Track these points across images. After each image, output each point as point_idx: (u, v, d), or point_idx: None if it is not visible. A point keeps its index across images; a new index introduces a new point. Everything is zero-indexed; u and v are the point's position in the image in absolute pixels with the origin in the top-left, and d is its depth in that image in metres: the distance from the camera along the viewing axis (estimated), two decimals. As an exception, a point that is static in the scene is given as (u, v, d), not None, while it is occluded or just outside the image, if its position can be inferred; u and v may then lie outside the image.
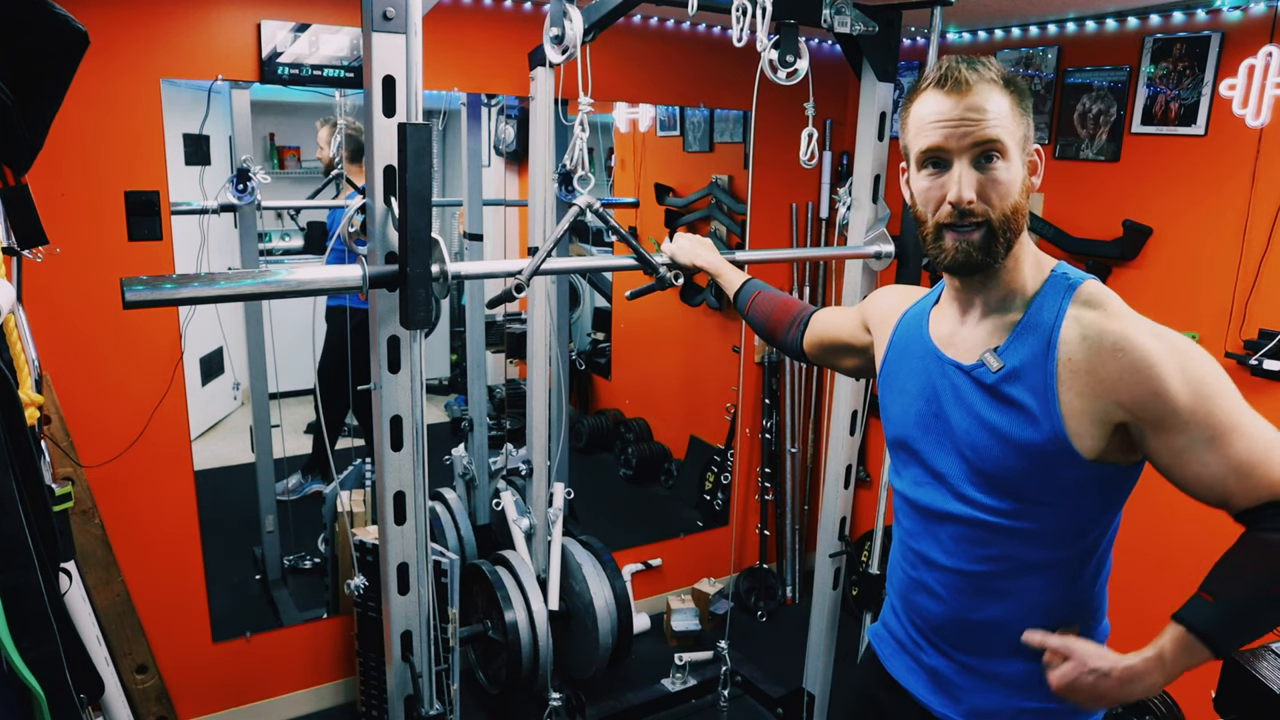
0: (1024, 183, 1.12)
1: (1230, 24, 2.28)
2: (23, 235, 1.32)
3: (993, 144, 1.08)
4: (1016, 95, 1.11)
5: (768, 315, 1.68)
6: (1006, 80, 1.11)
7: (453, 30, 2.59)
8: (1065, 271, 1.14)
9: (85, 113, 2.14)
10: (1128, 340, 1.04)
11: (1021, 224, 1.12)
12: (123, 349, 2.34)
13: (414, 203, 1.39)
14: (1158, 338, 1.04)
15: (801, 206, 3.43)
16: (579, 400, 4.92)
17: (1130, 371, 1.03)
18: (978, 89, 1.08)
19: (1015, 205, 1.10)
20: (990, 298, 1.16)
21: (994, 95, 1.09)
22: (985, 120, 1.08)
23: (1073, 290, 1.11)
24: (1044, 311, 1.11)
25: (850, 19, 2.05)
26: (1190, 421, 1.02)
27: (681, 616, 3.33)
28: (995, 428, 1.11)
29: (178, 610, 2.54)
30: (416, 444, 1.65)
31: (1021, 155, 1.11)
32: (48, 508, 1.20)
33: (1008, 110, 1.09)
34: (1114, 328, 1.05)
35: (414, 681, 1.76)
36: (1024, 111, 1.12)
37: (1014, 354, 1.11)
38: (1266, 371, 2.23)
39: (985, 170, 1.09)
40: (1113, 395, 1.04)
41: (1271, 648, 1.82)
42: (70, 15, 1.17)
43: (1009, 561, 1.14)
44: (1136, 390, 1.03)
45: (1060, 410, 1.06)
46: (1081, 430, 1.06)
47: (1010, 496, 1.12)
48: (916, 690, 1.27)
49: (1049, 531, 1.12)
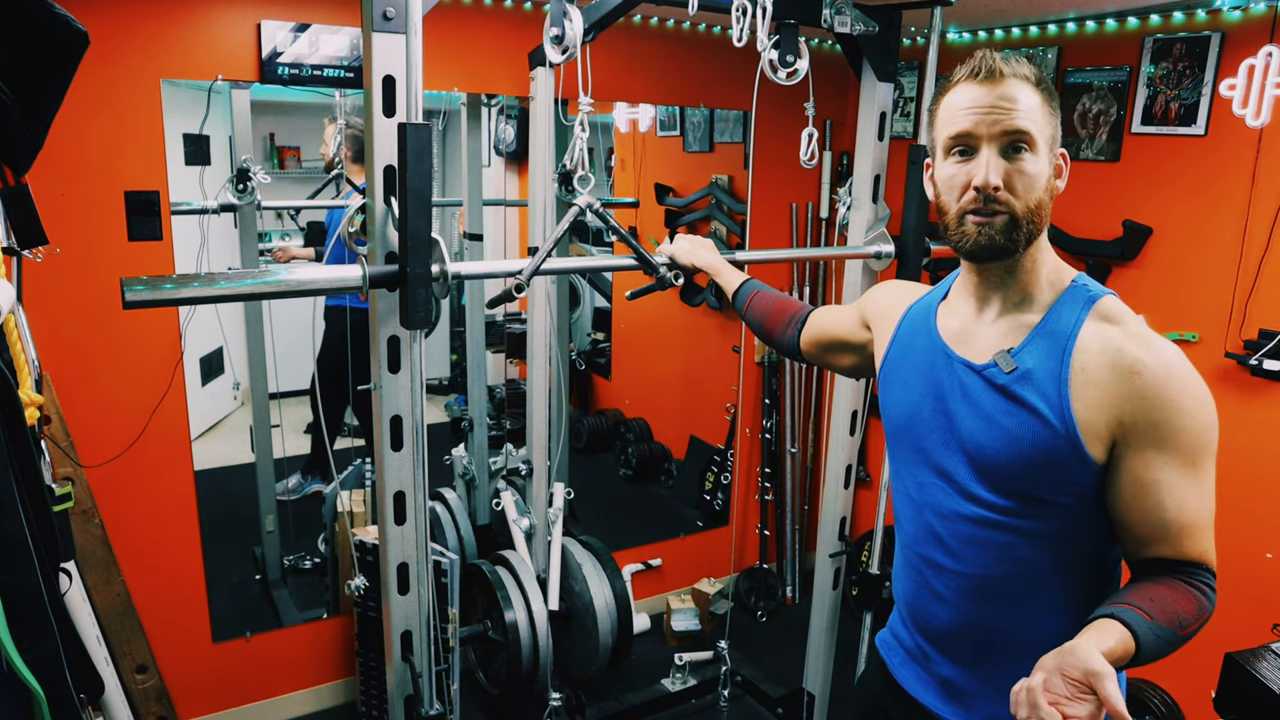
0: (1049, 181, 1.12)
1: (1230, 24, 2.28)
2: (23, 235, 1.32)
3: (1022, 135, 1.08)
4: (1047, 95, 1.11)
5: (765, 315, 1.67)
6: (1039, 80, 1.11)
7: (453, 30, 2.59)
8: (1086, 284, 1.14)
9: (85, 113, 2.14)
10: (1145, 365, 1.04)
11: (1043, 222, 1.12)
12: (123, 349, 2.34)
13: (414, 203, 1.39)
14: (1176, 373, 1.04)
15: (801, 206, 3.43)
16: (579, 400, 4.91)
17: (1140, 397, 1.04)
18: (1010, 81, 1.09)
19: (1039, 201, 1.10)
20: (1008, 296, 1.16)
21: (1026, 89, 1.09)
22: (1016, 110, 1.08)
23: (1092, 303, 1.11)
24: (1062, 319, 1.11)
25: (850, 19, 2.05)
26: (1171, 465, 1.03)
27: (681, 616, 3.33)
28: (1005, 428, 1.11)
29: (178, 610, 2.54)
30: (416, 444, 1.65)
31: (1050, 153, 1.11)
32: (48, 508, 1.20)
33: (1039, 106, 1.10)
34: (1134, 349, 1.06)
35: (414, 681, 1.76)
36: (1054, 111, 1.12)
37: (1028, 356, 1.11)
38: (1266, 371, 2.23)
39: (1013, 160, 1.09)
40: (1118, 412, 1.05)
41: (1271, 648, 1.82)
42: (70, 15, 1.17)
43: (1018, 564, 1.13)
44: (1140, 416, 1.04)
45: (1074, 416, 1.07)
46: (1090, 437, 1.06)
47: (1019, 496, 1.11)
48: (927, 700, 1.26)
49: (1058, 533, 1.11)
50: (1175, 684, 2.48)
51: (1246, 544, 2.34)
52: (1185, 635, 1.01)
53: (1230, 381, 2.35)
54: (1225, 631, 2.33)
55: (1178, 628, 1.00)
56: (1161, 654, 0.99)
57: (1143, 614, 0.97)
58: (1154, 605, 1.00)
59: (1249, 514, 2.33)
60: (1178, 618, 1.00)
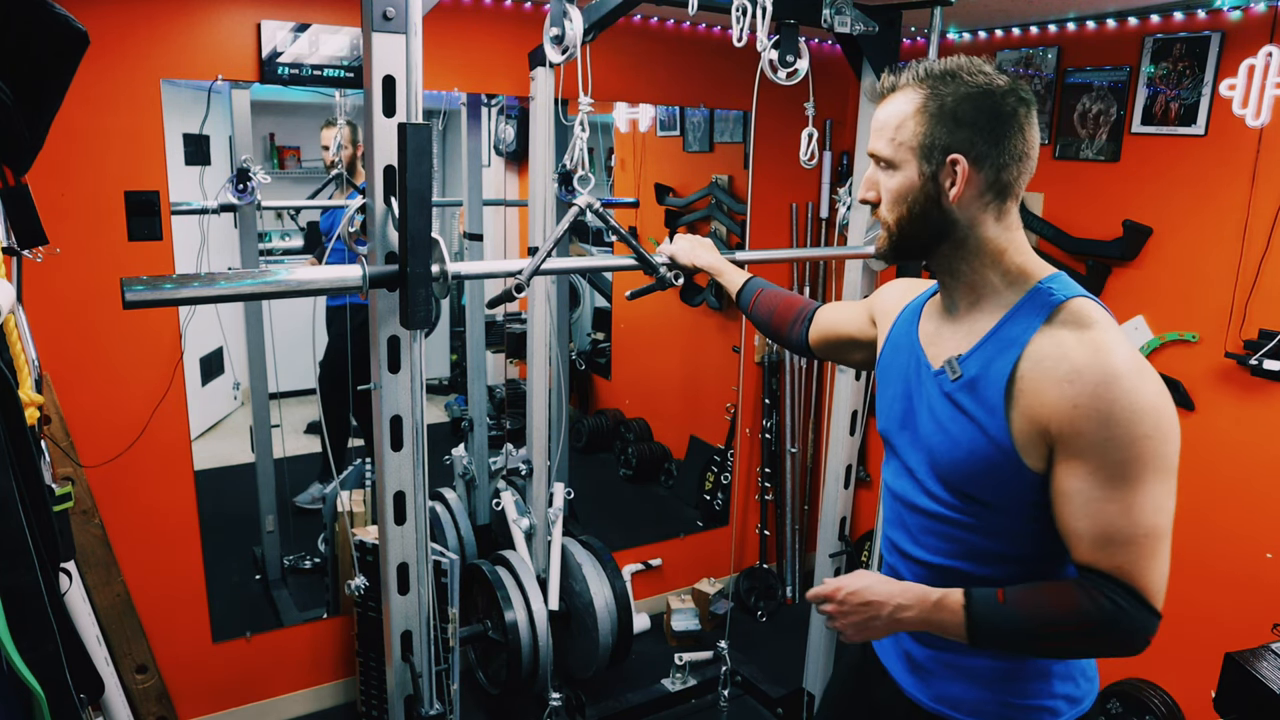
0: (921, 191, 1.10)
1: (1230, 24, 2.28)
2: (23, 235, 1.31)
3: (877, 158, 1.15)
4: (931, 97, 1.09)
5: (772, 312, 1.68)
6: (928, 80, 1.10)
7: (453, 30, 2.59)
8: (1052, 286, 1.10)
9: (85, 112, 2.14)
10: (1080, 373, 1.01)
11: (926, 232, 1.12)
12: (123, 349, 2.34)
13: (414, 203, 1.39)
14: (1113, 382, 0.99)
15: (801, 206, 3.43)
16: (579, 400, 4.92)
17: (1071, 405, 1.01)
18: (888, 101, 1.14)
19: (904, 213, 1.12)
20: (963, 296, 1.17)
21: (900, 102, 1.12)
22: (881, 131, 1.13)
23: (1052, 307, 1.07)
24: (1016, 324, 1.09)
25: (850, 19, 2.05)
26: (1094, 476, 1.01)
27: (681, 616, 3.33)
28: (950, 434, 1.13)
29: (178, 610, 2.54)
30: (416, 444, 1.65)
31: (921, 162, 1.10)
32: (48, 508, 1.20)
33: (910, 115, 1.10)
34: (1077, 356, 1.02)
35: (414, 681, 1.76)
36: (938, 116, 1.08)
37: (974, 364, 1.12)
38: (1266, 371, 2.23)
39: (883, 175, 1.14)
40: (1048, 422, 1.03)
41: (1271, 648, 1.82)
42: (70, 15, 1.17)
43: (971, 558, 1.16)
44: (1067, 425, 1.01)
45: (1010, 427, 1.06)
46: (1026, 447, 1.06)
47: (966, 498, 1.13)
48: (895, 672, 1.30)
49: (1009, 531, 1.13)
50: (1175, 684, 2.48)
51: (1246, 544, 2.34)
52: (1051, 634, 1.03)
53: (1230, 381, 2.35)
54: (1225, 631, 2.34)
55: (1039, 623, 1.03)
56: (1011, 641, 1.06)
57: (998, 595, 1.05)
58: (1020, 594, 1.05)
59: (1249, 514, 2.33)
60: (1043, 613, 1.03)
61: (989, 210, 1.11)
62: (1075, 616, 1.01)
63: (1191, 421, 2.44)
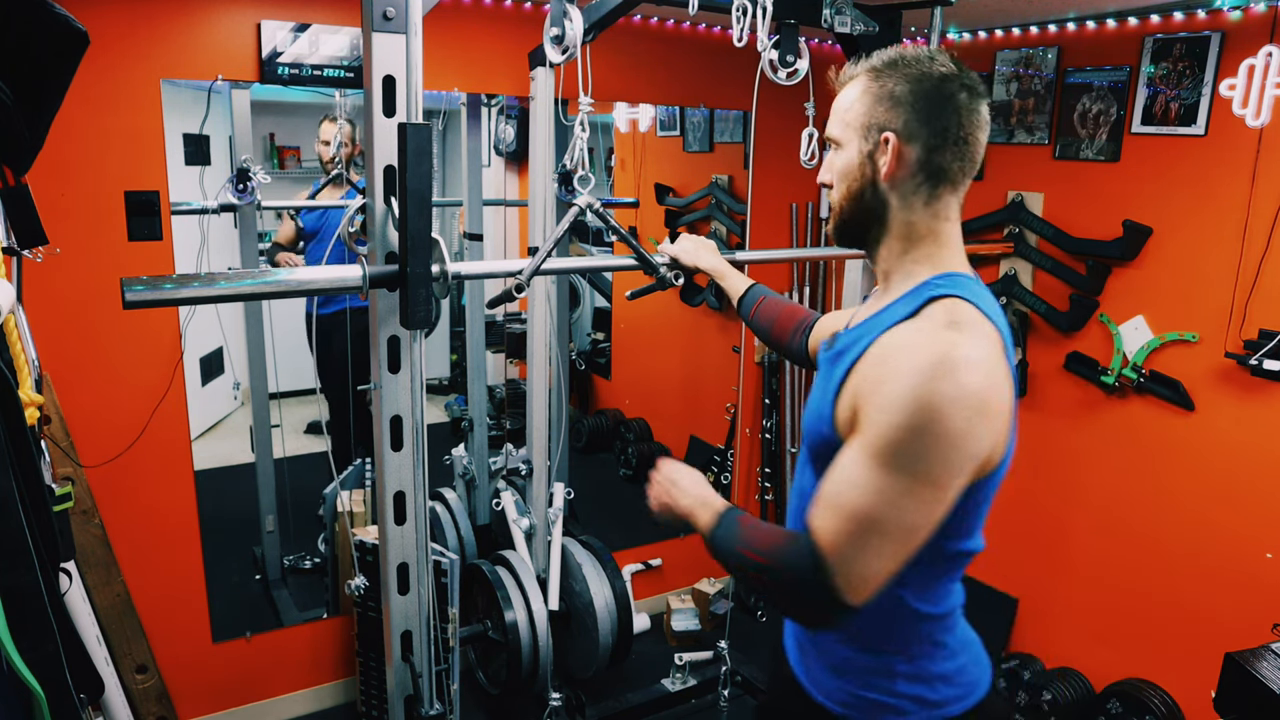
0: (860, 168, 1.13)
1: (1230, 24, 2.28)
2: (23, 235, 1.32)
3: (829, 139, 1.20)
4: (873, 80, 1.12)
5: (773, 321, 1.68)
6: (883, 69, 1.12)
7: (453, 30, 2.59)
8: (937, 284, 1.09)
9: (85, 113, 2.14)
10: (877, 357, 1.04)
11: (861, 212, 1.15)
12: (123, 349, 2.34)
13: (414, 203, 1.39)
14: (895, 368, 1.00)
15: (801, 206, 3.43)
16: (579, 400, 4.92)
17: (862, 381, 1.05)
18: (840, 93, 1.18)
19: (847, 189, 1.15)
20: (880, 284, 1.20)
21: (851, 90, 1.15)
22: (832, 116, 1.18)
23: (923, 301, 1.06)
24: (893, 312, 1.10)
25: (850, 19, 2.05)
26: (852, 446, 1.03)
27: (681, 616, 3.33)
28: (811, 402, 1.19)
29: (178, 610, 2.54)
30: (416, 444, 1.65)
31: (862, 140, 1.13)
32: (48, 508, 1.20)
33: (856, 98, 1.13)
34: (898, 341, 1.03)
35: (414, 681, 1.76)
36: (877, 96, 1.11)
37: (844, 340, 1.15)
38: (1266, 371, 2.23)
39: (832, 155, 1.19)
40: (855, 402, 1.05)
41: (1271, 648, 1.82)
42: (70, 15, 1.17)
43: None
44: (854, 400, 1.05)
45: (835, 404, 1.09)
46: (843, 425, 1.08)
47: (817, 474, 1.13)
48: (790, 653, 1.34)
49: None
50: (1175, 684, 2.48)
51: (1246, 544, 2.34)
52: (745, 559, 1.10)
53: (1230, 381, 2.35)
54: (1225, 631, 2.34)
55: (742, 545, 1.11)
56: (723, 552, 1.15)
57: (741, 516, 1.16)
58: (756, 523, 1.15)
59: (1249, 514, 2.33)
60: (752, 540, 1.11)
61: (919, 192, 1.11)
62: (771, 554, 1.07)
63: (1191, 421, 2.44)
